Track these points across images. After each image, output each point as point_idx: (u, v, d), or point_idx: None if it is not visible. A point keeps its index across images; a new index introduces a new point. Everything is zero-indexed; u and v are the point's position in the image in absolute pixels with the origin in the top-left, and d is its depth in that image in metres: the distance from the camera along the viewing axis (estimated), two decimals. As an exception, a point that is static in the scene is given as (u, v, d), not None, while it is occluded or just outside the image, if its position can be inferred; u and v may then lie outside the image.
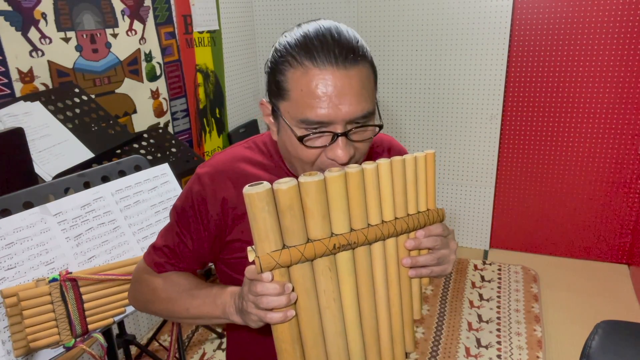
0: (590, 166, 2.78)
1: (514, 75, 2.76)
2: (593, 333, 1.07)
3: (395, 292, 0.75)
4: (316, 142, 0.75)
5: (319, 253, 0.66)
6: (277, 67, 0.76)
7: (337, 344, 0.71)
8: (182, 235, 0.87)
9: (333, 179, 0.65)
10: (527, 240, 3.06)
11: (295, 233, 0.64)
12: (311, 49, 0.72)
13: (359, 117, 0.74)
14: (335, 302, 0.69)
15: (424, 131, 2.96)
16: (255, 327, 0.71)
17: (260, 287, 0.65)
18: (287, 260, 0.64)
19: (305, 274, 0.66)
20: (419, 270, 0.76)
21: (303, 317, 0.68)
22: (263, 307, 0.66)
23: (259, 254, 0.63)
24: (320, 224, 0.66)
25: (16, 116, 1.44)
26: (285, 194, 0.62)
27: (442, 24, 2.72)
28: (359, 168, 0.68)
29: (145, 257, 0.93)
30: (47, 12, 1.71)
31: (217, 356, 2.22)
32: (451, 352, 2.21)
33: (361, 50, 0.75)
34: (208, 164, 0.88)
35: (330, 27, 0.75)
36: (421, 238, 0.75)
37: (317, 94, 0.71)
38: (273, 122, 0.82)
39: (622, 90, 2.60)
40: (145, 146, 1.67)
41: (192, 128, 2.55)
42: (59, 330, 1.04)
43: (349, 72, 0.72)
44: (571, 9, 2.56)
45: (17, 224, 1.04)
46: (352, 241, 0.68)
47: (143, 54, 2.16)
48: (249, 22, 3.02)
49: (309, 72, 0.72)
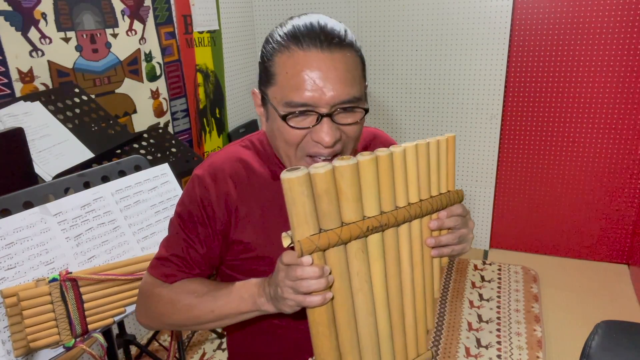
0: (591, 166, 2.78)
1: (514, 75, 2.76)
2: (593, 333, 1.07)
3: (419, 271, 0.78)
4: (301, 122, 0.75)
5: (354, 235, 0.67)
6: (266, 54, 0.78)
7: (368, 324, 0.73)
8: (190, 241, 0.86)
9: (366, 162, 0.67)
10: (527, 240, 3.06)
11: (331, 216, 0.65)
12: (298, 35, 0.74)
13: (344, 102, 0.74)
14: (367, 283, 0.71)
15: (424, 131, 2.96)
16: (290, 313, 0.71)
17: (300, 271, 0.65)
18: (326, 243, 0.65)
19: (340, 256, 0.68)
20: (441, 250, 0.79)
21: (337, 300, 0.69)
22: (302, 291, 0.66)
23: (298, 238, 0.64)
24: (354, 207, 0.67)
25: (16, 116, 1.44)
26: (323, 178, 0.63)
27: (442, 24, 2.72)
28: (388, 151, 0.70)
29: (152, 271, 0.89)
30: (47, 12, 1.71)
31: (217, 356, 2.22)
32: (451, 352, 2.21)
33: (347, 38, 0.76)
34: (206, 164, 0.87)
35: (319, 18, 0.77)
36: (443, 218, 0.77)
37: (302, 77, 0.72)
38: (263, 111, 0.83)
39: (622, 90, 2.60)
40: (145, 146, 1.67)
41: (192, 128, 2.55)
42: (59, 330, 1.04)
43: (334, 55, 0.73)
44: (571, 9, 2.56)
45: (17, 224, 1.04)
46: (383, 223, 0.70)
47: (143, 54, 2.16)
48: (249, 22, 3.02)
49: (294, 55, 0.73)
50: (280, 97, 0.75)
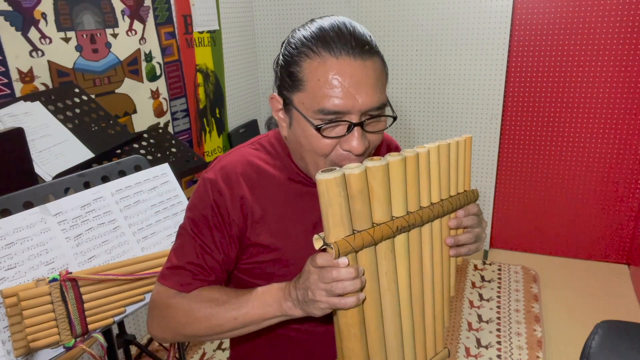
0: (590, 166, 2.78)
1: (514, 75, 2.76)
2: (593, 333, 1.07)
3: (438, 270, 0.79)
4: (332, 132, 0.75)
5: (385, 236, 0.68)
6: (291, 59, 0.76)
7: (394, 324, 0.73)
8: (206, 247, 0.83)
9: (395, 163, 0.68)
10: (527, 240, 3.06)
11: (363, 217, 0.66)
12: (328, 40, 0.73)
13: (374, 108, 0.75)
14: (394, 283, 0.72)
15: (424, 131, 2.96)
16: (319, 316, 0.71)
17: (336, 272, 0.64)
18: (360, 244, 0.65)
19: (371, 257, 0.68)
20: (459, 250, 0.80)
21: (368, 300, 0.69)
22: (337, 293, 0.65)
23: (334, 240, 0.64)
24: (384, 208, 0.68)
25: (16, 116, 1.44)
26: (358, 178, 0.64)
27: (442, 24, 2.72)
28: (414, 152, 0.71)
29: (165, 282, 0.85)
30: (47, 12, 1.71)
31: (217, 356, 2.22)
32: (451, 352, 2.21)
33: (374, 44, 0.76)
34: (217, 167, 0.85)
35: (345, 21, 0.76)
36: (461, 217, 0.79)
37: (334, 84, 0.72)
38: (283, 116, 0.82)
39: (622, 90, 2.60)
40: (145, 146, 1.67)
41: (192, 128, 2.55)
42: (59, 330, 1.04)
43: (365, 62, 0.73)
44: (571, 9, 2.56)
45: (17, 224, 1.04)
46: (411, 223, 0.71)
47: (143, 54, 2.16)
48: (249, 22, 3.01)
49: (326, 62, 0.72)
50: (310, 104, 0.74)
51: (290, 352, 0.94)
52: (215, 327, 0.80)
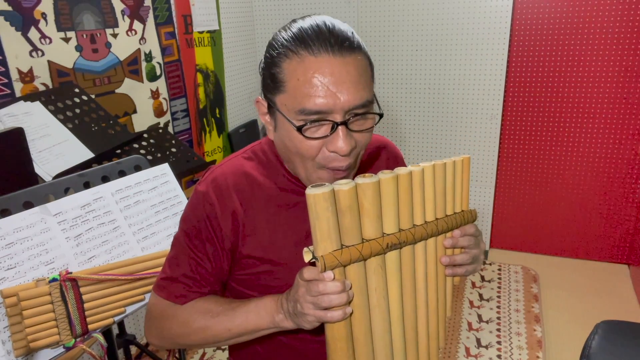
0: (590, 166, 2.78)
1: (514, 75, 2.76)
2: (593, 333, 1.07)
3: (433, 289, 0.79)
4: (316, 132, 0.73)
5: (374, 252, 0.68)
6: (272, 60, 0.75)
7: (384, 340, 0.73)
8: (198, 259, 0.84)
9: (387, 180, 0.68)
10: (527, 240, 3.06)
11: (352, 232, 0.66)
12: (306, 38, 0.71)
13: (358, 106, 0.72)
14: (384, 300, 0.72)
15: (424, 131, 2.96)
16: (309, 329, 0.71)
17: (322, 286, 0.65)
18: (347, 259, 0.66)
19: (359, 272, 0.68)
20: (455, 270, 0.79)
21: (356, 315, 0.69)
22: (324, 307, 0.66)
23: (321, 254, 0.65)
24: (374, 224, 0.68)
25: (16, 116, 1.44)
26: (347, 195, 0.64)
27: (442, 24, 2.72)
28: (408, 170, 0.71)
29: (160, 293, 0.87)
30: (47, 12, 1.71)
31: (217, 356, 2.22)
32: (451, 352, 2.21)
33: (356, 41, 0.74)
34: (209, 180, 0.84)
35: (324, 19, 0.74)
36: (457, 237, 0.78)
37: (315, 83, 0.70)
38: (269, 120, 0.80)
39: (622, 90, 2.60)
40: (145, 146, 1.67)
41: (192, 128, 2.55)
42: (59, 330, 1.04)
43: (346, 59, 0.71)
44: (571, 9, 2.56)
45: (17, 224, 1.04)
46: (402, 240, 0.71)
47: (143, 54, 2.16)
48: (249, 22, 3.01)
49: (304, 60, 0.71)
50: (292, 105, 0.72)
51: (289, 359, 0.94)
52: (209, 338, 0.82)
